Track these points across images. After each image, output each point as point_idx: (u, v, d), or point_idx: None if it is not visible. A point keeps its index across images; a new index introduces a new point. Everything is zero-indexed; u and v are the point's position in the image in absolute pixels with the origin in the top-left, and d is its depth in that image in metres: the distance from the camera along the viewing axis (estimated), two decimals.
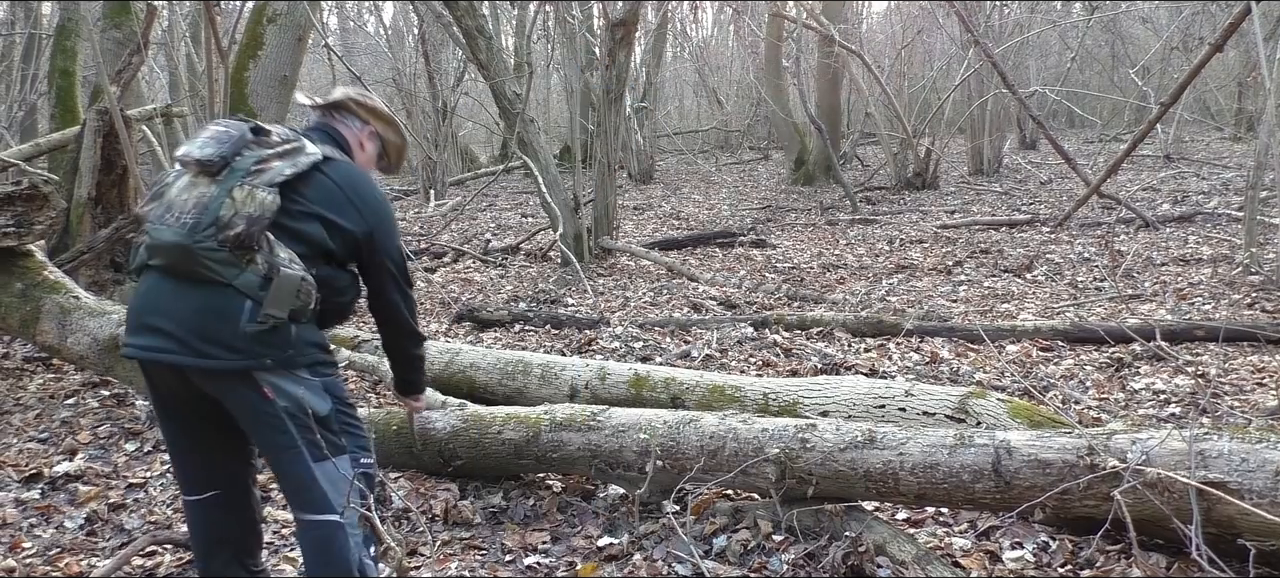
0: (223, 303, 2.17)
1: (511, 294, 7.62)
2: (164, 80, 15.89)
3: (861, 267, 8.36)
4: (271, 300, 2.16)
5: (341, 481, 2.27)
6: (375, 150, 2.62)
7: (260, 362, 2.18)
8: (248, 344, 2.16)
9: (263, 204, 2.17)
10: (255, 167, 2.21)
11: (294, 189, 2.27)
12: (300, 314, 2.22)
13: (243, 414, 2.26)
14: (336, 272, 2.35)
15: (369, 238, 2.37)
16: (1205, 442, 2.40)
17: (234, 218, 2.14)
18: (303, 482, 2.26)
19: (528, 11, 17.98)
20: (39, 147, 8.48)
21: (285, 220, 2.24)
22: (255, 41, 6.93)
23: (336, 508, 2.25)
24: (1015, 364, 4.93)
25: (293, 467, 2.26)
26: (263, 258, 2.18)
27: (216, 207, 2.15)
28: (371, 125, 2.59)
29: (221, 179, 2.18)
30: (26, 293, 4.49)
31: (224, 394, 2.24)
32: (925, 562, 2.67)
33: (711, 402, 3.72)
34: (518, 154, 8.97)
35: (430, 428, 3.55)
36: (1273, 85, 6.18)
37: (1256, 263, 6.59)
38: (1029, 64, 17.04)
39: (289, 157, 2.28)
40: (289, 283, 2.18)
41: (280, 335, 2.19)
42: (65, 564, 3.02)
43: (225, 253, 2.15)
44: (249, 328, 2.16)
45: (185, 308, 2.19)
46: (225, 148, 2.20)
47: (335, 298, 2.35)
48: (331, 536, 2.26)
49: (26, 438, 4.15)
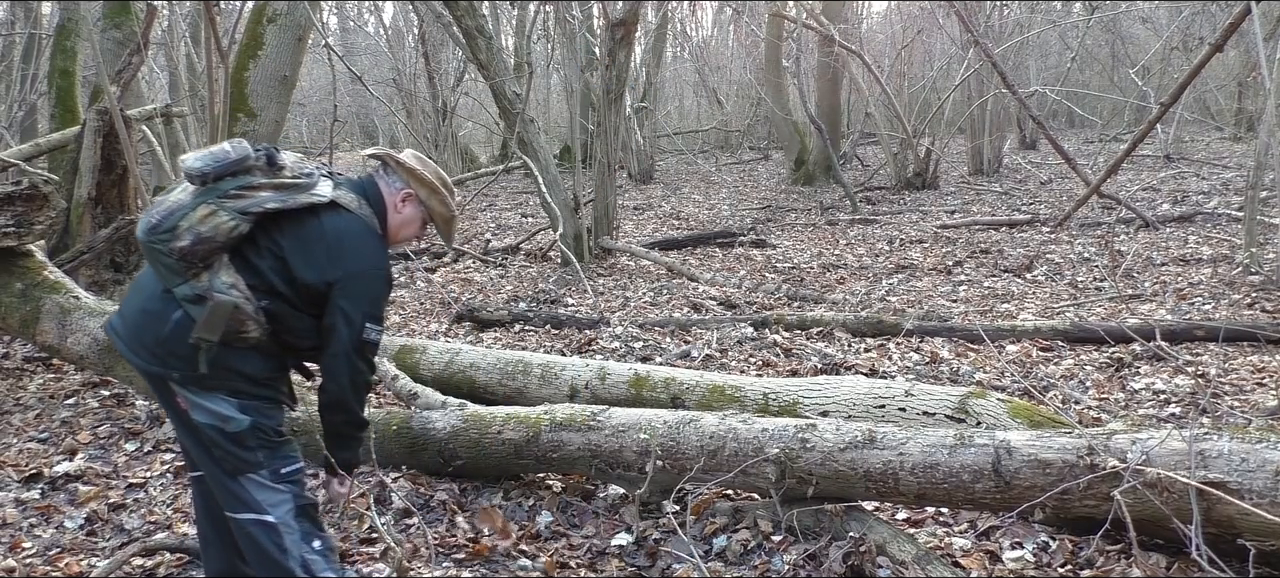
0: (159, 307, 2.26)
1: (511, 294, 7.62)
2: (164, 80, 15.89)
3: (861, 267, 8.36)
4: (203, 323, 2.21)
5: (262, 487, 2.30)
6: (415, 214, 2.50)
7: (168, 373, 2.25)
8: (163, 354, 2.25)
9: (217, 227, 2.20)
10: (236, 190, 2.23)
11: (275, 223, 2.29)
12: (232, 340, 2.24)
13: (168, 415, 2.36)
14: (294, 312, 2.31)
15: (329, 289, 2.30)
16: (1205, 442, 2.40)
17: (186, 231, 2.18)
18: (225, 486, 2.31)
19: (528, 11, 17.98)
20: (39, 146, 8.48)
21: (248, 249, 2.28)
22: (255, 41, 6.93)
23: (265, 508, 2.29)
24: (1015, 364, 4.93)
25: (213, 472, 2.32)
26: (207, 276, 2.22)
27: (179, 215, 2.20)
28: (411, 188, 2.47)
29: (199, 193, 2.22)
30: (26, 293, 4.49)
31: (155, 393, 2.35)
32: (925, 562, 2.67)
33: (711, 402, 3.72)
34: (518, 154, 8.97)
35: (430, 428, 3.55)
36: (1273, 85, 6.18)
37: (1256, 263, 6.59)
38: (1029, 64, 17.05)
39: (284, 191, 2.28)
40: (221, 309, 2.21)
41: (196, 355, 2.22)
42: (65, 564, 3.02)
43: (173, 260, 2.20)
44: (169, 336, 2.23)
45: (136, 304, 2.33)
46: (215, 166, 2.22)
47: (291, 338, 2.34)
48: (263, 532, 2.29)
49: (26, 438, 4.15)
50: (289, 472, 2.35)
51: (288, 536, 2.30)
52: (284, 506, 2.31)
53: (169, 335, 2.24)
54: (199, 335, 2.21)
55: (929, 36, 16.43)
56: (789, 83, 15.86)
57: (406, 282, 8.18)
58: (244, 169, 2.25)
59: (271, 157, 2.30)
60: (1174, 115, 12.76)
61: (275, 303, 2.29)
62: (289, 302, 2.31)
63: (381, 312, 2.41)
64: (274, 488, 2.31)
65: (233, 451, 2.27)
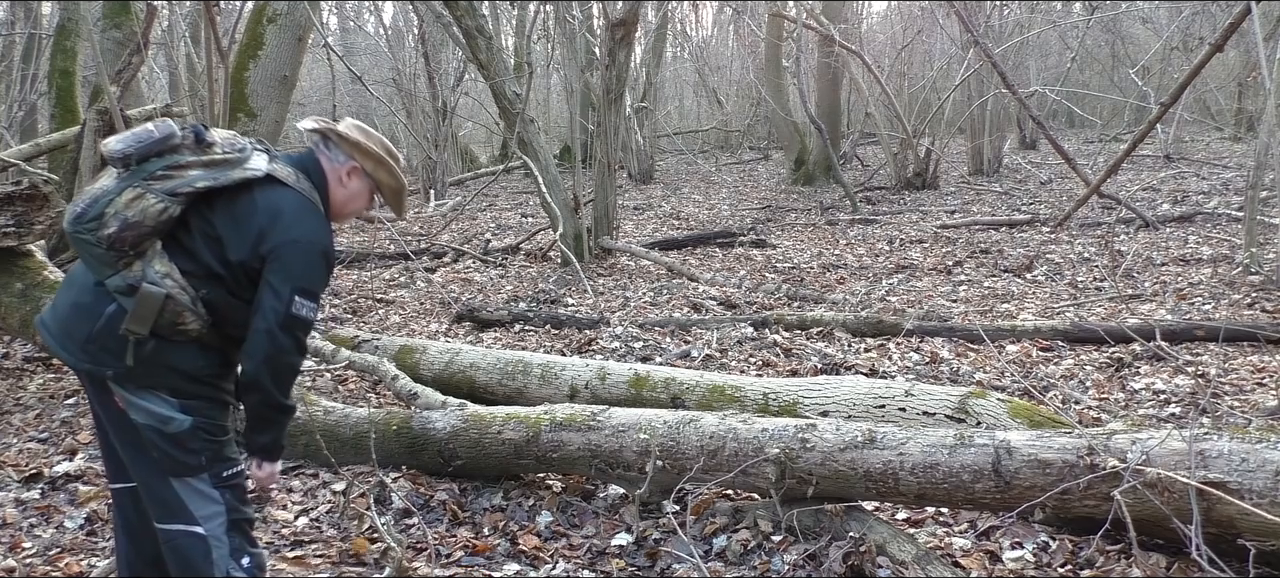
0: (90, 301, 2.14)
1: (511, 294, 7.62)
2: (164, 80, 15.90)
3: (861, 267, 8.36)
4: (133, 315, 2.09)
5: (199, 494, 2.19)
6: (362, 187, 2.37)
7: (101, 371, 2.13)
8: (94, 350, 2.12)
9: (145, 210, 2.08)
10: (162, 171, 2.11)
11: (207, 203, 2.17)
12: (169, 334, 2.12)
13: (105, 415, 2.21)
14: (232, 300, 2.19)
15: (261, 264, 2.17)
16: (1205, 442, 2.40)
17: (112, 218, 2.07)
18: (158, 493, 2.18)
19: (528, 11, 17.97)
20: (39, 146, 8.48)
21: (182, 233, 2.16)
22: (255, 41, 6.94)
23: (197, 519, 2.17)
24: (1015, 364, 4.93)
25: (149, 477, 2.19)
26: (140, 265, 2.10)
27: (103, 202, 2.08)
28: (354, 160, 2.33)
29: (123, 177, 2.11)
30: (26, 293, 4.49)
31: (90, 392, 2.20)
32: (925, 562, 2.67)
33: (711, 402, 3.72)
34: (518, 154, 8.97)
35: (430, 428, 3.55)
36: (1273, 85, 6.18)
37: (1256, 263, 6.59)
38: (1029, 64, 17.04)
39: (214, 168, 2.16)
40: (151, 300, 2.09)
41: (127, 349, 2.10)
42: (65, 564, 3.02)
43: (102, 250, 2.09)
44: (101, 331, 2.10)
45: (67, 298, 2.21)
46: (138, 146, 2.11)
47: (233, 331, 2.20)
48: (191, 545, 2.17)
49: (26, 438, 4.15)
50: (229, 475, 2.22)
51: (216, 549, 2.18)
52: (217, 518, 2.19)
53: (101, 331, 2.11)
54: (128, 328, 2.08)
55: (929, 36, 16.43)
56: (789, 83, 15.87)
57: (406, 282, 8.18)
58: (170, 148, 2.13)
59: (199, 134, 2.18)
60: (1174, 115, 12.75)
61: (213, 291, 2.16)
62: (228, 288, 2.18)
63: (317, 289, 2.22)
64: (210, 496, 2.19)
65: (172, 452, 2.15)
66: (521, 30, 18.56)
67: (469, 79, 17.73)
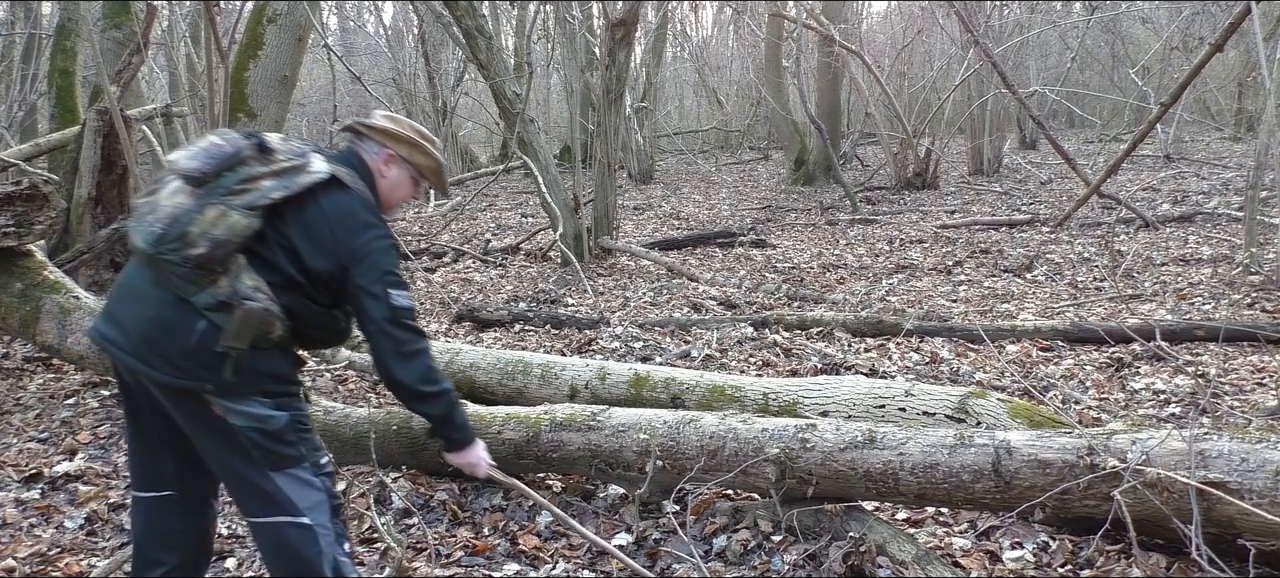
0: (176, 318, 2.11)
1: (511, 294, 7.62)
2: (164, 80, 15.89)
3: (861, 267, 8.36)
4: (232, 332, 2.09)
5: (303, 483, 2.20)
6: (402, 175, 2.45)
7: (199, 385, 2.12)
8: (192, 365, 2.11)
9: (232, 227, 2.09)
10: (239, 185, 2.12)
11: (279, 213, 2.18)
12: (260, 343, 2.15)
13: (190, 424, 2.20)
14: (309, 304, 2.24)
15: (344, 273, 2.25)
16: (1205, 442, 2.40)
17: (200, 238, 2.06)
18: (259, 488, 2.19)
19: (528, 11, 17.97)
20: (39, 146, 8.49)
21: (260, 246, 2.17)
22: (255, 41, 6.93)
23: (302, 510, 2.18)
24: (1015, 364, 4.93)
25: (245, 475, 2.19)
26: (227, 281, 2.10)
27: (186, 222, 2.07)
28: (388, 149, 2.41)
29: (201, 194, 2.10)
30: (26, 293, 4.49)
31: (173, 404, 2.18)
32: (925, 562, 2.67)
33: (711, 402, 3.72)
34: (518, 154, 8.97)
35: None
36: (1273, 85, 6.18)
37: (1256, 263, 6.59)
38: (1029, 64, 17.05)
39: (284, 176, 2.18)
40: (252, 316, 2.11)
41: (225, 365, 2.11)
42: (65, 564, 3.02)
43: (186, 270, 2.08)
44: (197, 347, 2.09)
45: (142, 314, 2.15)
46: (212, 163, 2.12)
47: (309, 331, 2.26)
48: (298, 535, 2.18)
49: (26, 438, 4.15)
50: (325, 462, 2.29)
51: (323, 537, 2.20)
52: (321, 507, 2.22)
53: (195, 347, 2.10)
54: (229, 344, 2.09)
55: (929, 36, 16.44)
56: (789, 83, 15.87)
57: (407, 282, 8.18)
58: (241, 161, 2.15)
59: (261, 143, 2.19)
60: (1174, 115, 12.77)
61: (293, 298, 2.20)
62: (305, 294, 2.23)
63: (400, 277, 2.32)
64: (312, 485, 2.22)
65: (274, 448, 2.17)
66: (521, 30, 18.57)
67: (469, 79, 17.75)
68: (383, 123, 2.42)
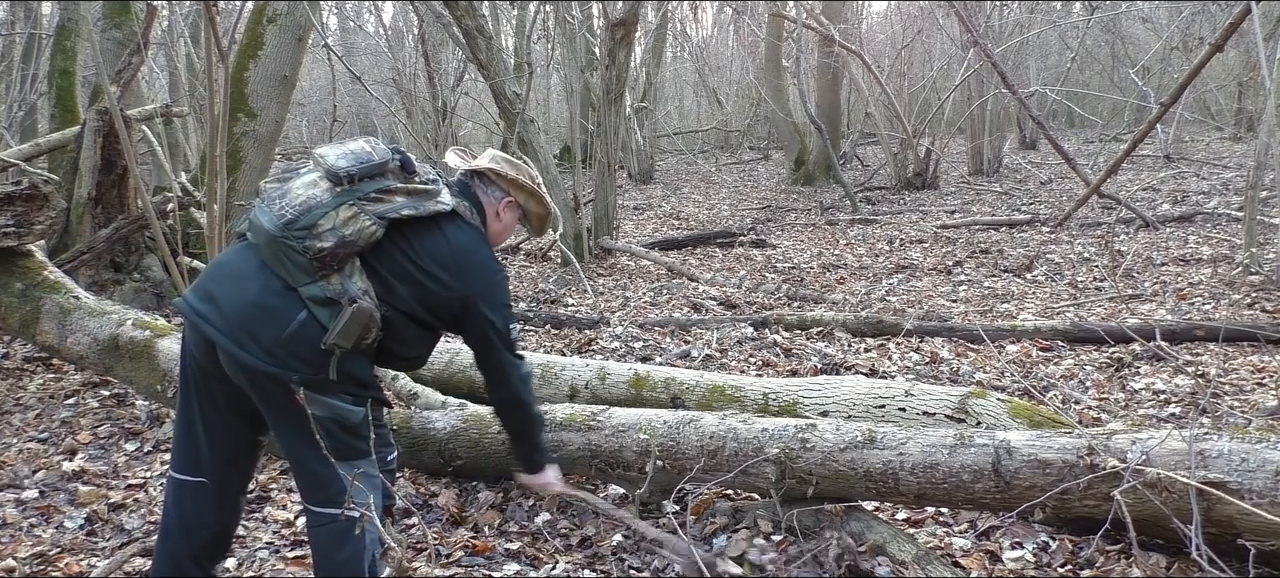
0: (279, 304, 2.16)
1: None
2: (164, 80, 15.88)
3: (861, 267, 8.36)
4: (340, 329, 2.15)
5: (364, 477, 2.27)
6: (513, 218, 2.61)
7: (288, 376, 2.16)
8: (283, 354, 2.15)
9: (361, 231, 2.18)
10: (376, 194, 2.21)
11: (404, 232, 2.27)
12: (356, 345, 2.21)
13: (268, 408, 2.25)
14: (407, 321, 2.32)
15: (465, 304, 2.36)
16: (1205, 442, 2.39)
17: (327, 233, 2.14)
18: (323, 478, 2.24)
19: (528, 11, 17.96)
20: (39, 147, 8.49)
21: (378, 257, 2.25)
22: (255, 41, 6.92)
23: (356, 505, 2.22)
24: (1015, 364, 4.93)
25: (313, 463, 2.24)
26: (339, 279, 2.17)
27: (318, 214, 2.16)
28: (511, 196, 2.57)
29: (339, 192, 2.19)
30: (26, 293, 4.49)
31: (253, 386, 2.22)
32: (925, 562, 2.67)
33: (711, 402, 3.72)
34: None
35: (430, 428, 3.55)
36: (1273, 85, 6.18)
37: (1256, 263, 6.59)
38: (1029, 64, 17.04)
39: (417, 198, 2.28)
40: (362, 316, 2.18)
41: (320, 358, 2.17)
42: (65, 564, 3.02)
43: (305, 259, 2.14)
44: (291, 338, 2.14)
45: (242, 295, 2.18)
46: (359, 166, 2.21)
47: (396, 346, 2.34)
48: (346, 532, 2.24)
49: (26, 438, 4.15)
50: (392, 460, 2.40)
51: (368, 534, 2.26)
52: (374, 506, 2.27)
53: (292, 336, 2.15)
54: (335, 342, 2.15)
55: (929, 36, 16.43)
56: (789, 83, 15.87)
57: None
58: (383, 172, 2.24)
59: (405, 161, 2.30)
60: (1174, 115, 12.75)
61: (395, 311, 2.27)
62: (407, 311, 2.30)
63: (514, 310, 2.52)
64: (374, 479, 2.30)
65: (347, 440, 2.24)
66: (521, 30, 18.54)
67: (469, 79, 17.72)
68: (507, 171, 2.56)
